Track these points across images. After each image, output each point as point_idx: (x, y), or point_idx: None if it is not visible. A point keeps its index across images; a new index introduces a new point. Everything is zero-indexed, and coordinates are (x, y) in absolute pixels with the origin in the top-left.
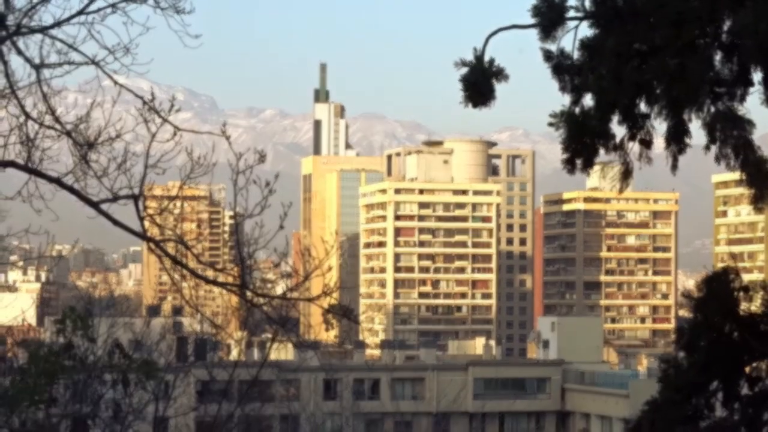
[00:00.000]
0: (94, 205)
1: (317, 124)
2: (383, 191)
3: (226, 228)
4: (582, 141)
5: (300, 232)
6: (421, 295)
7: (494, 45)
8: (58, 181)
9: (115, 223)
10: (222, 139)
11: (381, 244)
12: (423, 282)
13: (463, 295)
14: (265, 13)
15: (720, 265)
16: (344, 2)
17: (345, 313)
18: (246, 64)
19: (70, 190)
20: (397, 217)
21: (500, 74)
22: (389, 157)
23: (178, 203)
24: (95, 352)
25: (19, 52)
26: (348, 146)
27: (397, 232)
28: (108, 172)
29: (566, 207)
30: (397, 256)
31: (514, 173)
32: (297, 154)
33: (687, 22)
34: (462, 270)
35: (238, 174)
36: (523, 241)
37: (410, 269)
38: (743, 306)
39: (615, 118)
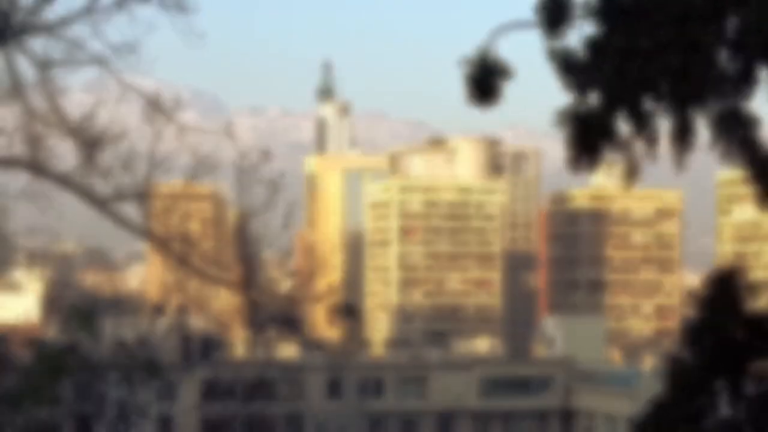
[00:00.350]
0: (99, 203)
1: (321, 123)
2: (388, 190)
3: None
4: (587, 139)
5: (304, 231)
6: (426, 294)
7: (499, 42)
8: (63, 180)
9: (120, 221)
10: (227, 138)
11: (385, 243)
12: (428, 281)
13: (468, 294)
14: (269, 11)
15: (725, 264)
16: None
17: (350, 312)
18: (250, 62)
19: (75, 188)
20: (402, 216)
21: (505, 72)
22: (393, 156)
23: (183, 202)
24: (100, 351)
25: (25, 51)
26: (352, 145)
27: (402, 230)
28: (113, 170)
29: (571, 205)
30: (401, 255)
31: (519, 171)
32: (301, 153)
33: (691, 20)
34: (467, 269)
35: (243, 173)
36: (527, 240)
37: (415, 268)
38: (749, 305)
39: (620, 116)
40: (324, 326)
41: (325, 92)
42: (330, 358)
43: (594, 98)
